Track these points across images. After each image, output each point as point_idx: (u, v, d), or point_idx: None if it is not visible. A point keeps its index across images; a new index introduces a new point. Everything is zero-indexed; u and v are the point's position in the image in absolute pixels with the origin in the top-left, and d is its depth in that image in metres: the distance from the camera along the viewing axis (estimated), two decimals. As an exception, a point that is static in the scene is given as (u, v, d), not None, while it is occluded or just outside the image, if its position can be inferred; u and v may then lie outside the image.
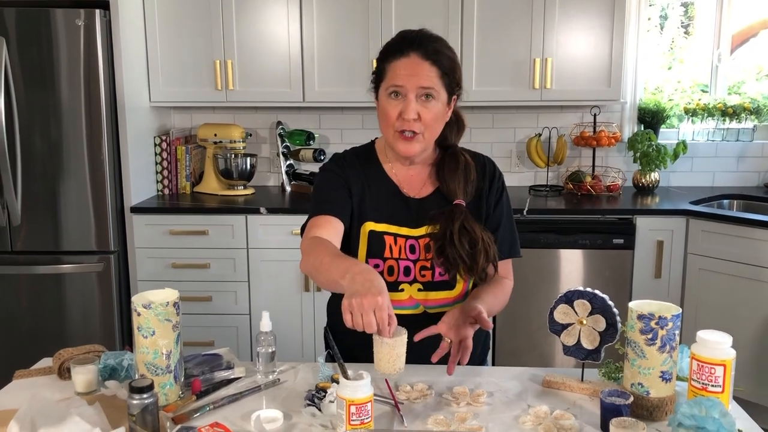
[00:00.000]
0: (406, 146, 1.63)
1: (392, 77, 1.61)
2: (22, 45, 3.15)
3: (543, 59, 3.46)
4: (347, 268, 1.37)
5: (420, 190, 1.74)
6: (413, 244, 1.69)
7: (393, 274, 1.68)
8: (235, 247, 3.39)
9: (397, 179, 1.74)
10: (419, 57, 1.59)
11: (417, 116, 1.60)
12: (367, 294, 1.27)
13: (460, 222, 1.64)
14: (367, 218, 1.69)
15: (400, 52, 1.61)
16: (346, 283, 1.33)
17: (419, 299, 1.69)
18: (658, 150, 3.67)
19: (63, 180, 3.25)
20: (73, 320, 3.34)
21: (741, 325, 3.14)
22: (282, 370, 1.68)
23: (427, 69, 1.59)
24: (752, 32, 4.01)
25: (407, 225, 1.70)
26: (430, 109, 1.61)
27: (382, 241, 1.68)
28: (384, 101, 1.63)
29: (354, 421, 1.29)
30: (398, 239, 1.69)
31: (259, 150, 3.98)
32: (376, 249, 1.68)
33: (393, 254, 1.68)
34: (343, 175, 1.71)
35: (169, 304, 1.47)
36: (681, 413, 1.25)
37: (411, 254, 1.68)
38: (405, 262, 1.68)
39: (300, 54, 3.52)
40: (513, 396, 1.54)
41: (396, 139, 1.63)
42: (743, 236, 3.13)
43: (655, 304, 1.46)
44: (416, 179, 1.75)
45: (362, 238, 1.68)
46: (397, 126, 1.62)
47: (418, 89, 1.59)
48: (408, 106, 1.59)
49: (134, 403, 1.33)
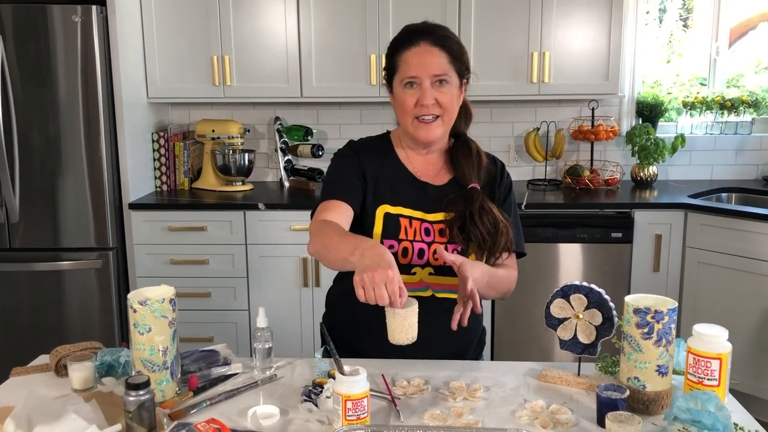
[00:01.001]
0: (426, 131, 1.68)
1: (405, 69, 1.66)
2: (19, 41, 3.15)
3: (541, 53, 3.46)
4: (356, 244, 1.42)
5: (436, 178, 1.77)
6: (428, 228, 1.71)
7: (407, 255, 1.69)
8: (234, 243, 3.39)
9: (412, 167, 1.77)
10: (429, 44, 1.65)
11: (434, 101, 1.65)
12: (378, 268, 1.31)
13: (479, 203, 1.69)
14: (382, 201, 1.71)
15: (410, 42, 1.67)
16: (356, 259, 1.37)
17: (429, 282, 1.71)
18: (657, 144, 3.67)
19: (61, 176, 3.25)
20: (72, 317, 3.35)
21: (739, 318, 3.14)
22: (279, 365, 1.68)
23: (438, 55, 1.65)
24: (751, 25, 4.00)
25: (422, 209, 1.72)
26: (446, 93, 1.66)
27: (397, 222, 1.70)
28: (400, 92, 1.68)
29: (350, 417, 1.29)
30: (413, 222, 1.71)
31: (258, 146, 3.98)
32: (391, 230, 1.70)
33: (408, 236, 1.69)
34: (357, 159, 1.74)
35: (165, 300, 1.47)
36: (677, 407, 1.25)
37: (426, 237, 1.70)
38: (419, 245, 1.69)
39: (297, 49, 3.51)
40: (509, 391, 1.54)
41: (416, 127, 1.68)
42: (741, 229, 3.13)
43: (651, 298, 1.46)
44: (432, 167, 1.78)
45: (377, 220, 1.70)
46: (415, 113, 1.67)
47: (432, 77, 1.64)
48: (425, 93, 1.64)
49: (131, 399, 1.33)
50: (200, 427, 1.28)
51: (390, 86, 1.75)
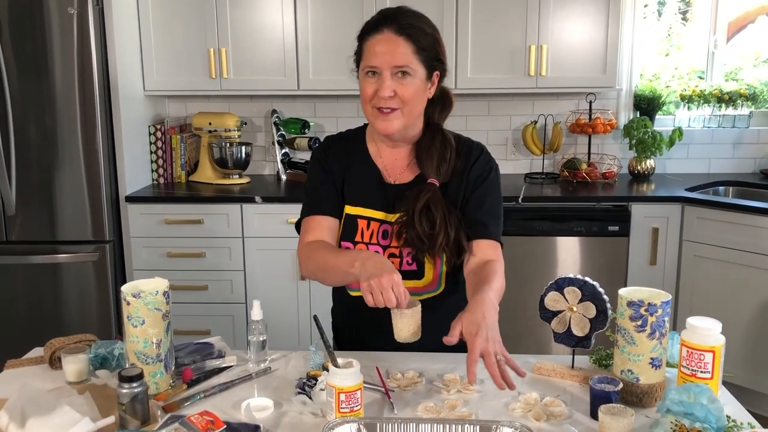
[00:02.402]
0: (384, 123, 1.61)
1: (367, 57, 1.60)
2: (14, 34, 3.14)
3: (538, 46, 3.45)
4: (354, 257, 1.47)
5: (402, 175, 1.71)
6: (386, 230, 1.67)
7: None
8: (231, 236, 3.39)
9: (381, 163, 1.73)
10: (392, 33, 1.57)
11: (393, 93, 1.57)
12: (383, 273, 1.38)
13: (424, 202, 1.61)
14: (346, 201, 1.70)
15: (375, 29, 1.59)
16: (358, 270, 1.43)
17: None
18: (654, 137, 3.66)
19: (58, 170, 3.24)
20: (68, 310, 3.35)
21: (736, 312, 3.15)
22: (273, 358, 1.68)
23: (402, 45, 1.56)
24: (749, 18, 3.99)
25: (384, 209, 1.69)
26: (407, 85, 1.58)
27: (354, 224, 1.68)
28: (362, 79, 1.63)
29: (344, 409, 1.30)
30: (372, 223, 1.68)
31: (254, 139, 3.97)
32: (348, 232, 1.68)
33: (364, 238, 1.67)
34: (326, 162, 1.72)
35: (158, 293, 1.47)
36: (669, 399, 1.25)
37: (383, 240, 1.67)
38: (375, 247, 1.66)
39: (294, 42, 3.50)
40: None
41: (375, 117, 1.62)
42: (739, 223, 3.13)
43: (645, 290, 1.46)
44: (400, 163, 1.73)
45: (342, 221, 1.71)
46: (374, 103, 1.60)
47: (392, 68, 1.56)
48: (383, 83, 1.57)
49: (124, 392, 1.33)
50: (193, 419, 1.28)
51: (357, 73, 1.67)
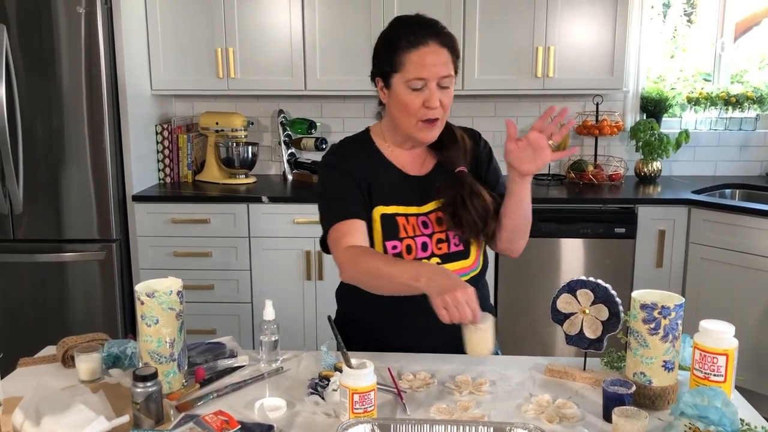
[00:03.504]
0: (428, 133, 1.67)
1: (413, 69, 1.60)
2: (22, 32, 3.14)
3: (545, 47, 3.45)
4: (418, 270, 1.46)
5: (422, 168, 1.77)
6: (424, 221, 1.71)
7: (411, 252, 1.69)
8: (237, 235, 3.39)
9: (399, 161, 1.76)
10: (438, 45, 1.61)
11: (439, 103, 1.63)
12: (456, 288, 1.37)
13: (469, 186, 1.69)
14: (376, 203, 1.71)
15: (417, 41, 1.60)
16: (425, 284, 1.42)
17: None
18: (661, 139, 3.66)
19: (65, 168, 3.25)
20: (75, 309, 3.35)
21: (742, 315, 3.15)
22: (285, 358, 1.69)
23: (446, 56, 1.62)
24: (755, 21, 3.99)
25: (415, 203, 1.72)
26: (448, 94, 1.64)
27: (395, 222, 1.70)
28: (403, 93, 1.62)
29: (357, 410, 1.30)
30: (410, 218, 1.71)
31: (261, 138, 3.97)
32: (391, 231, 1.70)
33: (408, 233, 1.70)
34: (345, 167, 1.72)
35: (172, 292, 1.47)
36: (683, 402, 1.25)
37: (425, 229, 1.71)
38: (421, 238, 1.70)
39: (302, 42, 3.50)
40: (515, 385, 1.55)
41: (419, 129, 1.65)
42: (745, 226, 3.13)
43: (658, 293, 1.47)
44: (417, 159, 1.77)
45: (375, 223, 1.70)
46: (420, 115, 1.63)
47: (439, 79, 1.61)
48: (432, 95, 1.61)
49: (138, 391, 1.33)
50: (208, 419, 1.28)
51: (385, 82, 1.67)
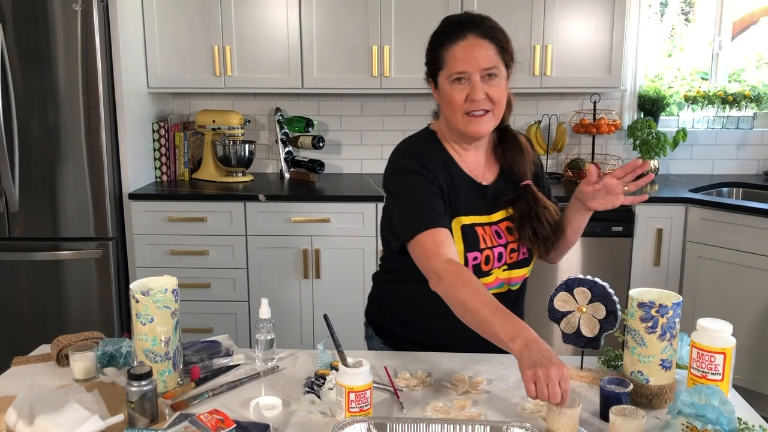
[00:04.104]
0: (477, 126, 1.63)
1: (453, 64, 1.60)
2: (18, 29, 3.13)
3: (543, 46, 3.44)
4: (516, 332, 1.34)
5: (487, 175, 1.75)
6: (497, 230, 1.71)
7: (489, 262, 1.68)
8: (234, 234, 3.38)
9: (466, 167, 1.73)
10: (477, 37, 1.59)
11: (485, 95, 1.60)
12: (552, 365, 1.27)
13: (541, 201, 1.70)
14: (456, 213, 1.67)
15: (456, 35, 1.60)
16: (520, 350, 1.31)
17: (504, 278, 1.72)
18: (658, 138, 3.66)
19: (61, 166, 3.24)
20: (71, 307, 3.34)
21: (740, 313, 3.14)
22: (281, 357, 1.68)
23: (487, 47, 1.59)
24: (753, 19, 3.98)
25: (485, 213, 1.71)
26: (495, 86, 1.61)
27: (474, 233, 1.68)
28: (448, 89, 1.62)
29: (353, 409, 1.29)
30: (486, 228, 1.70)
31: (258, 137, 3.97)
32: (472, 242, 1.66)
33: (487, 243, 1.69)
34: (430, 173, 1.65)
35: (167, 291, 1.46)
36: (681, 401, 1.25)
37: (499, 239, 1.70)
38: (498, 249, 1.70)
39: (299, 40, 3.49)
40: (512, 383, 1.54)
41: (467, 122, 1.63)
42: (742, 224, 3.12)
43: (656, 292, 1.46)
44: (481, 164, 1.76)
45: (455, 233, 1.65)
46: (465, 108, 1.61)
47: (481, 71, 1.59)
48: (475, 88, 1.59)
49: (133, 390, 1.33)
50: (203, 418, 1.27)
51: (435, 81, 1.67)
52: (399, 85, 3.49)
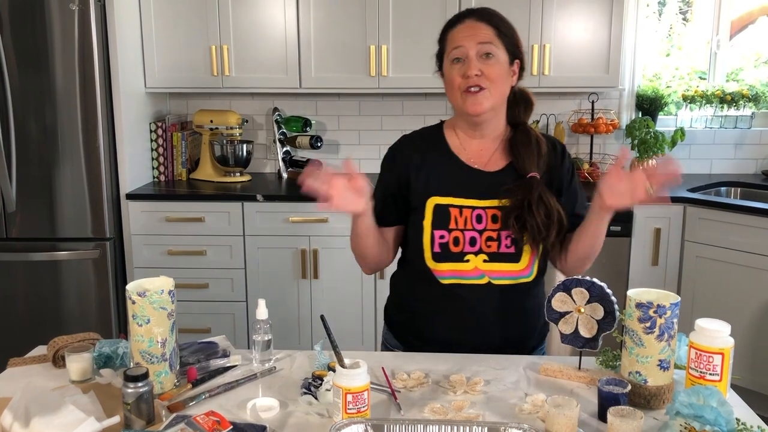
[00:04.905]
0: (473, 102, 1.67)
1: (452, 44, 1.69)
2: (15, 29, 3.12)
3: (541, 45, 3.44)
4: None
5: (491, 164, 1.76)
6: (480, 214, 1.71)
7: (458, 244, 1.70)
8: (232, 234, 3.38)
9: (465, 154, 1.77)
10: (474, 20, 1.69)
11: (480, 72, 1.65)
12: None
13: (538, 193, 1.69)
14: (432, 193, 1.73)
15: (458, 20, 1.71)
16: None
17: (484, 270, 1.71)
18: (656, 137, 3.65)
19: (58, 166, 3.23)
20: (68, 307, 3.34)
21: (738, 313, 3.14)
22: (278, 358, 1.67)
23: (483, 28, 1.68)
24: (751, 19, 3.98)
25: (474, 196, 1.72)
26: (492, 65, 1.66)
27: (446, 213, 1.71)
28: (448, 70, 1.70)
29: (350, 410, 1.29)
30: (464, 210, 1.71)
31: (256, 136, 3.96)
32: (440, 220, 1.71)
33: (458, 225, 1.70)
34: (394, 165, 1.79)
35: (164, 292, 1.46)
36: (679, 402, 1.24)
37: (478, 224, 1.71)
38: (471, 233, 1.70)
39: (296, 40, 3.49)
40: (510, 384, 1.54)
41: (464, 100, 1.68)
42: (741, 224, 3.12)
43: (654, 292, 1.46)
44: (486, 153, 1.78)
45: (427, 212, 1.72)
46: (462, 85, 1.67)
47: (477, 46, 1.65)
48: (470, 63, 1.65)
49: (129, 391, 1.32)
50: (200, 419, 1.27)
51: (442, 72, 1.75)
52: (397, 85, 3.49)
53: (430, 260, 1.71)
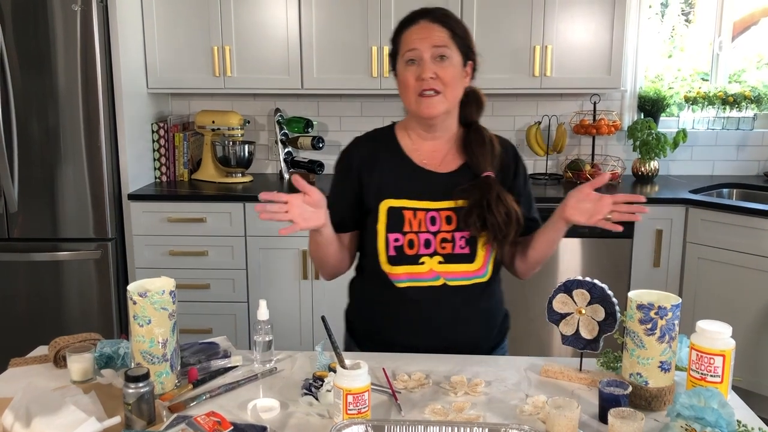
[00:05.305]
0: (428, 105, 1.66)
1: (406, 45, 1.68)
2: (18, 30, 3.13)
3: (543, 46, 3.44)
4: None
5: (444, 165, 1.76)
6: (434, 216, 1.71)
7: (413, 247, 1.70)
8: (233, 234, 3.38)
9: (418, 155, 1.76)
10: (428, 21, 1.67)
11: (434, 75, 1.64)
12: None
13: (496, 192, 1.69)
14: (385, 196, 1.72)
15: (410, 21, 1.69)
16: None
17: (439, 272, 1.70)
18: (658, 138, 3.65)
19: (60, 167, 3.23)
20: (70, 308, 3.34)
21: (739, 315, 3.14)
22: (279, 358, 1.67)
23: (438, 30, 1.66)
24: (753, 20, 3.98)
25: (428, 198, 1.72)
26: (446, 68, 1.65)
27: (400, 215, 1.71)
28: (402, 71, 1.69)
29: (351, 411, 1.29)
30: (418, 213, 1.71)
31: (258, 137, 3.96)
32: (395, 223, 1.71)
33: (413, 227, 1.70)
34: (348, 169, 1.76)
35: (165, 292, 1.46)
36: (680, 403, 1.24)
37: (432, 226, 1.70)
38: (425, 235, 1.70)
39: (299, 40, 3.49)
40: (511, 385, 1.54)
41: (418, 103, 1.67)
42: (743, 225, 3.12)
43: (655, 293, 1.46)
44: (439, 154, 1.77)
45: (381, 214, 1.71)
46: (416, 88, 1.66)
47: (432, 49, 1.64)
48: (424, 66, 1.64)
49: (130, 392, 1.32)
50: (200, 420, 1.27)
51: (396, 72, 1.74)
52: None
53: (386, 264, 1.71)
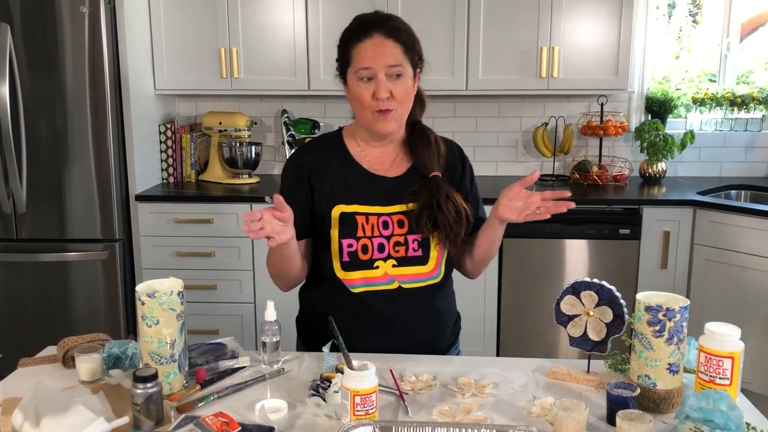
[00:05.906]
0: (384, 124, 1.67)
1: (359, 60, 1.65)
2: (26, 32, 3.14)
3: (550, 48, 3.43)
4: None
5: (393, 169, 1.77)
6: (386, 221, 1.72)
7: (367, 252, 1.70)
8: (240, 235, 3.38)
9: (367, 161, 1.77)
10: (382, 36, 1.64)
11: (390, 94, 1.64)
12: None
13: (444, 191, 1.70)
14: (336, 201, 1.72)
15: (363, 33, 1.65)
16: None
17: (394, 275, 1.72)
18: (666, 140, 3.64)
19: (68, 168, 3.25)
20: (77, 308, 3.35)
21: (747, 317, 3.13)
22: (286, 359, 1.67)
23: (391, 47, 1.64)
24: (761, 21, 3.97)
25: (379, 203, 1.73)
26: (400, 85, 1.65)
27: (353, 221, 1.71)
28: (355, 85, 1.67)
29: (359, 412, 1.29)
30: (370, 218, 1.72)
31: (264, 138, 3.97)
32: (348, 229, 1.71)
33: (366, 233, 1.71)
34: (299, 176, 1.76)
35: (173, 293, 1.46)
36: (688, 406, 1.24)
37: (384, 230, 1.71)
38: (379, 239, 1.71)
39: (305, 42, 3.50)
40: (518, 387, 1.53)
41: (375, 120, 1.67)
42: (751, 227, 3.11)
43: (663, 295, 1.45)
44: (387, 159, 1.78)
45: (334, 221, 1.72)
46: (372, 107, 1.65)
47: (386, 68, 1.63)
48: (380, 85, 1.63)
49: (138, 392, 1.32)
50: (208, 420, 1.27)
51: (343, 78, 1.72)
52: (405, 87, 3.48)
53: (340, 270, 1.71)
